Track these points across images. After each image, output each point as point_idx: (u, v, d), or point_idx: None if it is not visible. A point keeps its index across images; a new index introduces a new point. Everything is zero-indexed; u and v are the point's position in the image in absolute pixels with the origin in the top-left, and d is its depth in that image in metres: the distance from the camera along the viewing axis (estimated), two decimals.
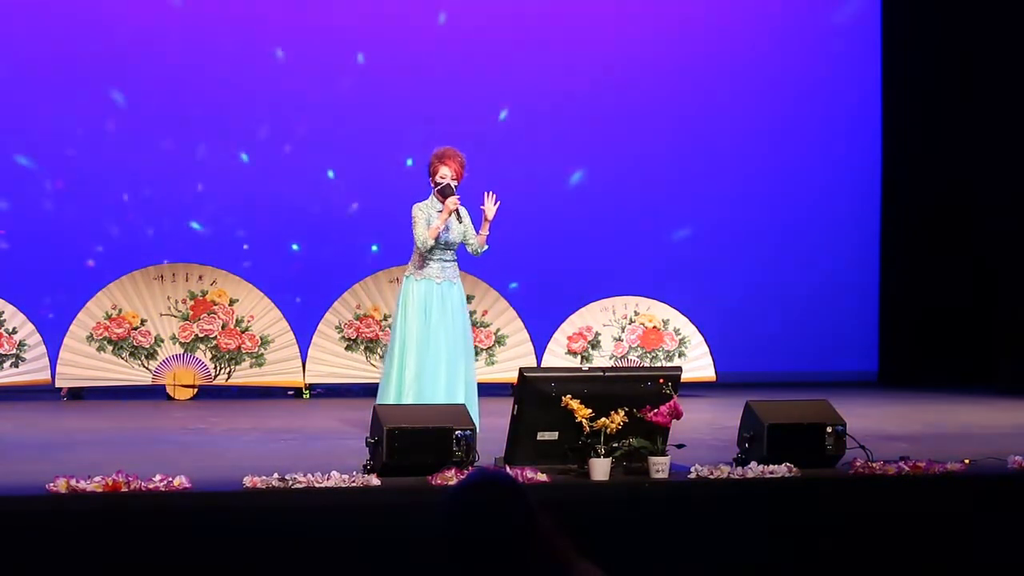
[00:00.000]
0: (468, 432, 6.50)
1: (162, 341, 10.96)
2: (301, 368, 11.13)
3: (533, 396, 6.64)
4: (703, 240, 12.67)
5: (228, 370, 11.04)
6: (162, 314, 10.99)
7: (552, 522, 3.37)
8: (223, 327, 11.03)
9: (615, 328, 11.61)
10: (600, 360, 11.43)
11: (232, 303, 11.09)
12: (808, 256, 12.89)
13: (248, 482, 6.02)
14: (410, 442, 6.43)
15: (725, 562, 5.97)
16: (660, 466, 6.45)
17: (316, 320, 11.28)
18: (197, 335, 10.99)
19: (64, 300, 11.29)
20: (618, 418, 6.48)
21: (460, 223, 8.37)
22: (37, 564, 5.40)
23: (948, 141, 12.66)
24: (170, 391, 10.98)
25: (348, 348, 11.22)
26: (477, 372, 11.18)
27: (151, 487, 5.83)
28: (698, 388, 11.40)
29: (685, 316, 11.68)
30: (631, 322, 11.63)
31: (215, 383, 11.03)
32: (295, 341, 11.12)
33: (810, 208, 12.91)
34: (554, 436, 6.60)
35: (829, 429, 6.91)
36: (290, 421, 9.45)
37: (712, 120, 12.70)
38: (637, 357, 11.55)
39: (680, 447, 6.72)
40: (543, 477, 6.29)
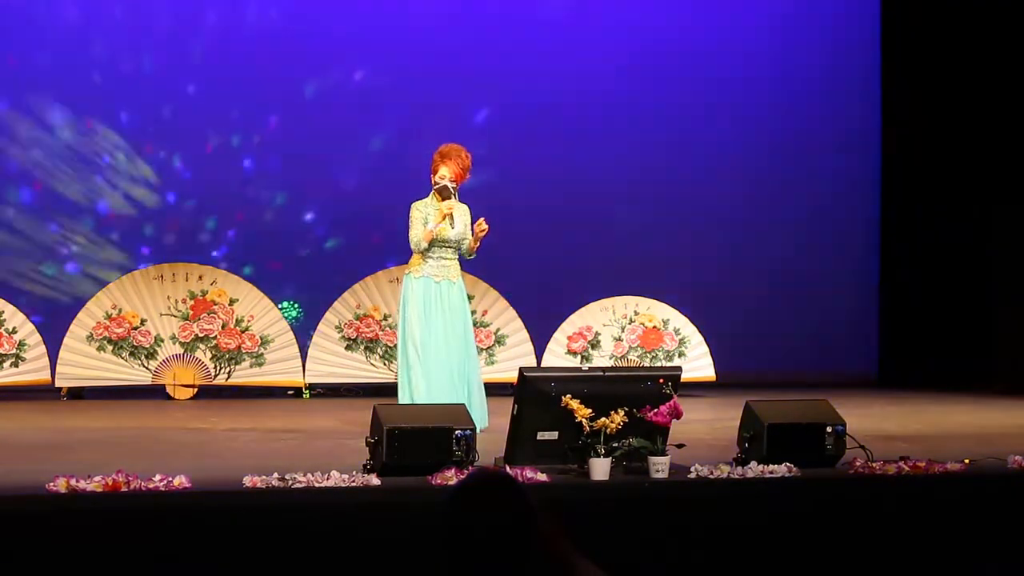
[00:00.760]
0: (468, 432, 6.50)
1: (162, 341, 10.96)
2: (301, 368, 11.13)
3: (533, 396, 6.64)
4: (703, 240, 12.66)
5: (228, 370, 11.03)
6: (162, 314, 10.99)
7: (552, 522, 3.37)
8: (223, 327, 11.03)
9: (615, 328, 11.61)
10: (600, 360, 11.43)
11: (232, 303, 11.09)
12: (808, 256, 12.88)
13: (248, 482, 6.02)
14: (410, 442, 6.43)
15: (725, 562, 5.97)
16: (660, 466, 6.44)
17: (316, 320, 11.29)
18: (197, 335, 10.99)
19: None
20: (618, 418, 6.48)
21: (452, 227, 8.34)
22: (37, 564, 5.39)
23: (948, 141, 12.66)
24: (170, 391, 10.98)
25: (348, 348, 11.22)
26: None
27: (151, 487, 5.83)
28: (698, 388, 11.40)
29: (685, 316, 11.68)
30: (631, 322, 11.63)
31: (215, 383, 11.03)
32: (295, 341, 11.11)
33: (810, 208, 12.91)
34: (554, 436, 6.60)
35: (829, 429, 6.90)
36: (290, 421, 9.45)
37: (712, 120, 12.69)
38: (637, 357, 11.55)
39: (680, 447, 6.72)
40: (543, 477, 6.28)
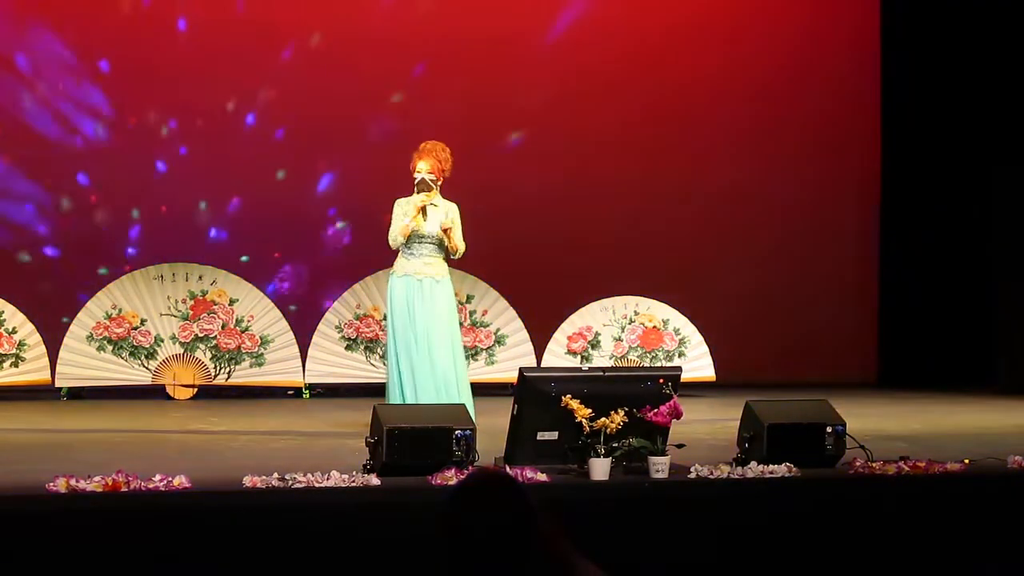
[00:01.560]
0: (468, 432, 6.50)
1: (162, 341, 10.95)
2: (301, 368, 11.13)
3: (533, 396, 6.64)
4: (702, 240, 12.65)
5: (228, 370, 11.03)
6: (162, 314, 10.98)
7: (552, 522, 3.37)
8: (223, 327, 11.03)
9: (615, 328, 11.61)
10: (600, 360, 11.42)
11: (232, 303, 11.09)
12: (808, 256, 12.88)
13: (248, 482, 6.02)
14: (410, 442, 6.44)
15: (725, 562, 5.97)
16: (660, 466, 6.45)
17: (316, 320, 11.29)
18: (197, 335, 10.99)
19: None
20: (618, 418, 6.49)
21: (425, 220, 8.29)
22: (37, 564, 5.40)
23: (948, 141, 12.66)
24: (170, 391, 10.97)
25: (348, 348, 11.22)
26: (477, 372, 11.24)
27: (151, 487, 5.84)
28: (698, 388, 11.39)
29: (685, 316, 11.68)
30: (631, 322, 11.63)
31: (215, 383, 11.03)
32: (295, 341, 11.11)
33: (810, 208, 12.90)
34: (554, 436, 6.60)
35: (829, 429, 6.91)
36: (290, 421, 9.45)
37: (712, 121, 12.68)
38: (637, 357, 11.55)
39: (680, 447, 6.72)
40: (543, 477, 6.29)
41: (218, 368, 11.02)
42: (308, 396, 11.16)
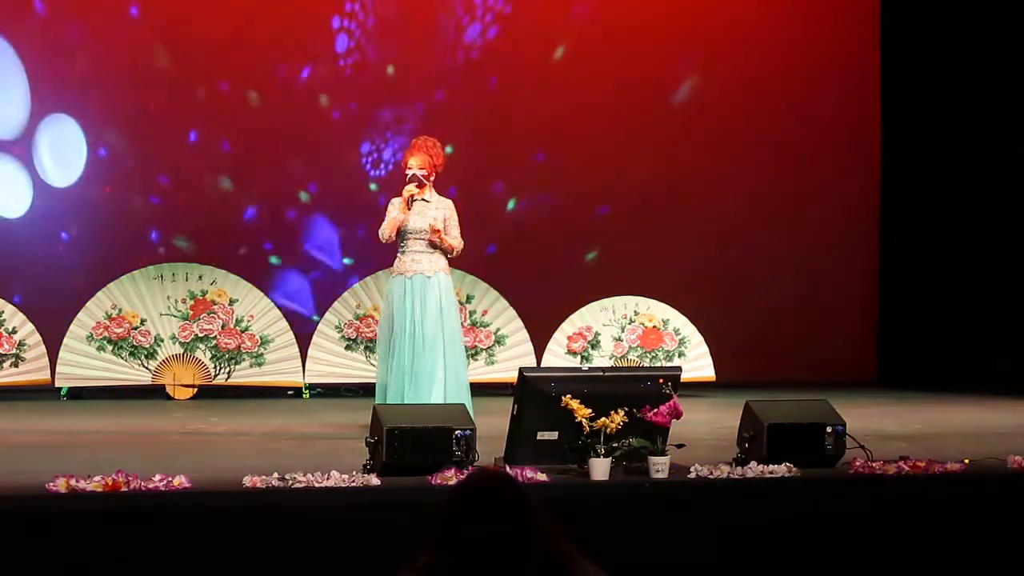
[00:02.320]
0: (468, 432, 6.50)
1: (162, 341, 10.96)
2: (301, 368, 11.12)
3: (533, 396, 6.64)
4: (703, 240, 12.66)
5: (228, 370, 11.04)
6: (162, 314, 10.99)
7: (553, 522, 3.38)
8: (223, 327, 11.03)
9: (615, 328, 11.61)
10: (600, 360, 11.42)
11: (232, 303, 11.09)
12: (808, 256, 12.88)
13: (248, 482, 6.02)
14: (410, 442, 6.43)
15: (725, 562, 5.97)
16: (660, 466, 6.45)
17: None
18: (197, 335, 10.99)
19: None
20: (618, 418, 6.48)
21: (409, 209, 8.22)
22: (37, 564, 5.40)
23: (948, 141, 12.66)
24: (170, 391, 10.98)
25: (348, 348, 11.21)
26: (477, 372, 11.24)
27: (151, 487, 5.83)
28: (698, 388, 11.39)
29: (685, 316, 11.68)
30: (631, 322, 11.63)
31: (215, 383, 11.03)
32: (295, 341, 11.11)
33: (810, 208, 12.91)
34: (554, 436, 6.60)
35: (829, 429, 6.90)
36: (290, 421, 9.45)
37: (712, 121, 12.69)
38: (637, 357, 11.55)
39: (680, 447, 6.72)
40: (543, 477, 6.28)
41: (218, 368, 11.02)
42: (308, 396, 11.16)
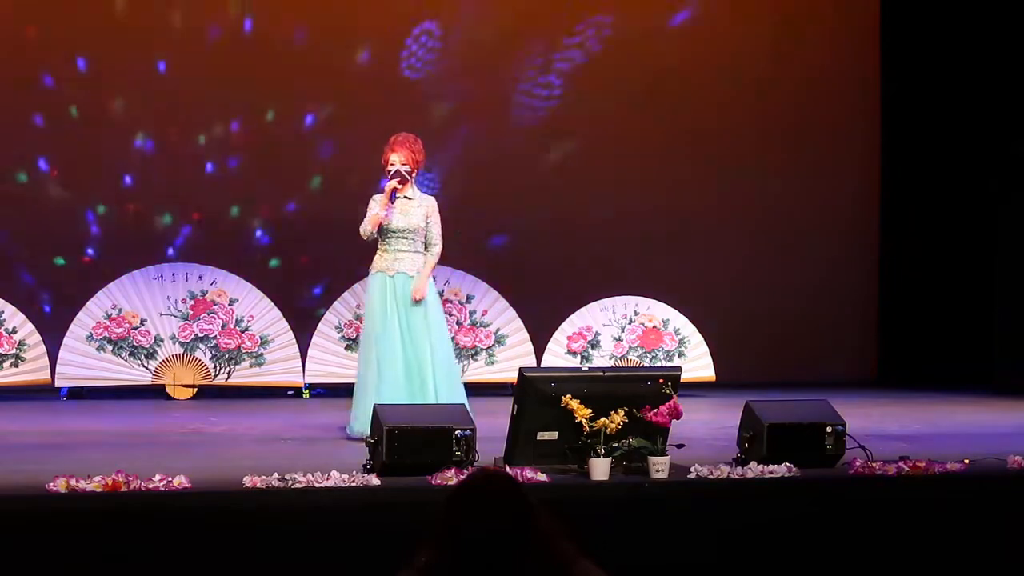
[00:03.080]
0: (468, 432, 6.50)
1: (162, 341, 10.95)
2: (301, 368, 11.12)
3: (533, 396, 6.64)
4: (702, 240, 12.65)
5: (228, 370, 11.03)
6: (162, 314, 10.98)
7: (552, 522, 3.38)
8: (223, 327, 11.03)
9: (615, 328, 11.61)
10: (600, 360, 11.42)
11: (232, 303, 11.09)
12: (808, 256, 12.87)
13: (248, 482, 6.02)
14: (410, 442, 6.44)
15: (725, 562, 5.97)
16: (660, 466, 6.45)
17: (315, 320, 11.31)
18: (197, 335, 10.99)
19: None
20: (618, 418, 6.49)
21: (398, 208, 8.16)
22: (37, 564, 5.40)
23: (948, 141, 12.66)
24: (170, 391, 10.98)
25: (348, 348, 11.21)
26: (477, 372, 11.24)
27: (151, 487, 5.84)
28: (698, 388, 11.39)
29: (685, 316, 11.67)
30: (631, 322, 11.63)
31: (215, 383, 11.03)
32: (295, 341, 11.11)
33: (809, 208, 12.90)
34: (554, 436, 6.60)
35: (829, 429, 6.91)
36: (290, 421, 9.45)
37: (711, 121, 12.67)
38: (637, 357, 11.55)
39: (680, 447, 6.72)
40: (543, 477, 6.29)
41: (218, 368, 11.02)
42: (308, 396, 11.16)
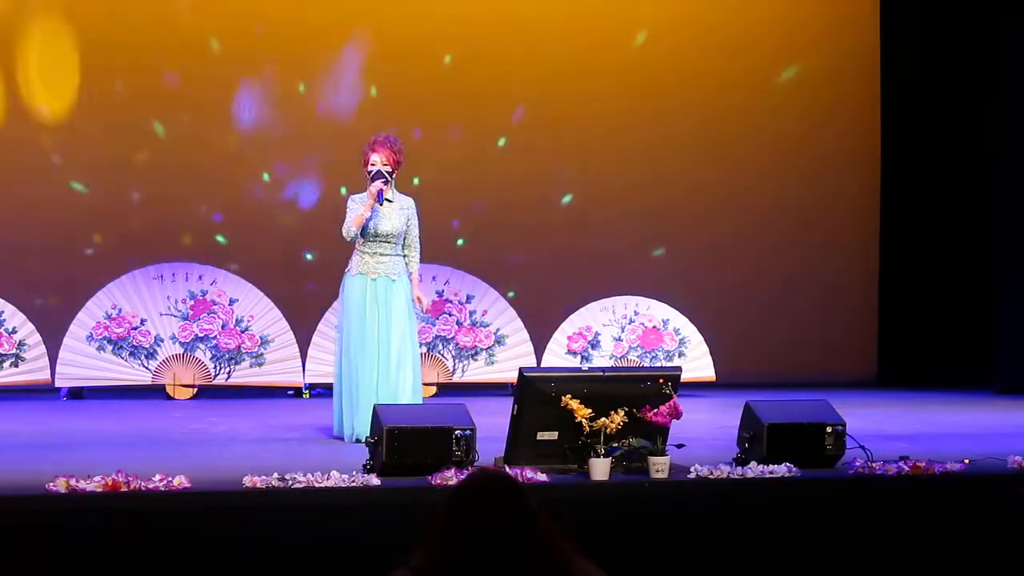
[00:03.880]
0: (468, 432, 6.51)
1: (162, 341, 10.96)
2: (301, 368, 11.12)
3: (533, 396, 6.65)
4: (702, 240, 12.65)
5: (228, 370, 11.03)
6: (162, 314, 10.98)
7: (552, 522, 3.38)
8: (223, 327, 11.03)
9: (615, 328, 11.61)
10: (600, 360, 11.42)
11: (232, 303, 11.09)
12: (808, 255, 12.87)
13: (248, 482, 6.02)
14: (410, 442, 6.44)
15: (725, 562, 5.97)
16: (660, 466, 6.45)
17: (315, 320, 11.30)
18: (197, 335, 10.99)
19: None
20: (618, 418, 6.49)
21: (382, 211, 8.10)
22: (37, 564, 5.40)
23: (948, 141, 12.66)
24: (170, 391, 10.98)
25: None
26: (477, 372, 11.25)
27: (151, 487, 5.84)
28: (698, 388, 11.39)
29: (685, 316, 11.67)
30: (631, 322, 11.63)
31: (215, 383, 11.03)
32: (295, 341, 11.11)
33: (810, 208, 12.90)
34: (554, 436, 6.61)
35: (829, 429, 6.91)
36: (290, 421, 9.45)
37: (711, 121, 12.67)
38: (637, 357, 11.55)
39: (680, 447, 6.72)
40: (543, 477, 6.29)
41: (218, 368, 11.02)
42: (308, 396, 11.16)
